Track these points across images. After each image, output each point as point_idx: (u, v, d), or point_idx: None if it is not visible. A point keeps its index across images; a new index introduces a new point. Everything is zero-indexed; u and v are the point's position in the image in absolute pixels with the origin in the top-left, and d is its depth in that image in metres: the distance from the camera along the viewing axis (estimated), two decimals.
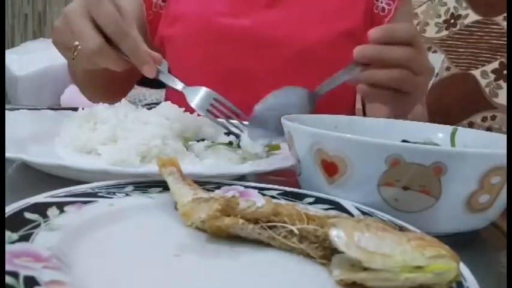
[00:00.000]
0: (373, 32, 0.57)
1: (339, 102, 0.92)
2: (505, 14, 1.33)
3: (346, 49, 0.91)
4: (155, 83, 1.11)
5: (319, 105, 0.84)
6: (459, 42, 1.40)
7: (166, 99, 1.02)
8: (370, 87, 0.58)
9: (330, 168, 0.39)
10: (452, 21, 1.42)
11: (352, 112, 0.99)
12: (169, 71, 0.62)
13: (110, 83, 0.90)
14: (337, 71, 0.59)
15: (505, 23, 1.33)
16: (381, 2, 0.93)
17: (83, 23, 0.57)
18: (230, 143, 0.56)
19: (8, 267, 0.21)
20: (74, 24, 0.58)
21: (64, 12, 0.60)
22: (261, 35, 0.88)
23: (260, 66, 0.89)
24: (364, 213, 0.35)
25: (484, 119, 1.33)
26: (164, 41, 0.95)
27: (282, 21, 0.89)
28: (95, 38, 0.56)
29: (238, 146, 0.56)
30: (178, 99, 0.62)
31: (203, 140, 0.56)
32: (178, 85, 0.60)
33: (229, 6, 0.91)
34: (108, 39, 0.56)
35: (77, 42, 0.59)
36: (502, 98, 1.31)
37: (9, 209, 0.28)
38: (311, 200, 0.38)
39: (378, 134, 0.46)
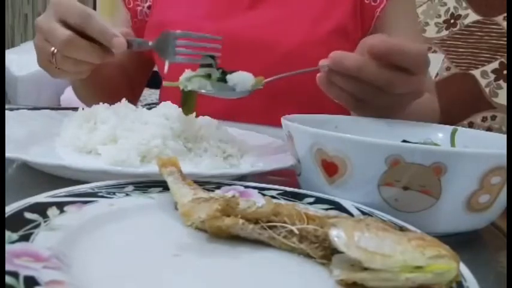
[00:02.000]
0: (373, 44, 0.49)
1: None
2: (505, 14, 1.33)
3: (336, 47, 0.89)
4: (155, 83, 1.12)
5: (319, 103, 0.83)
6: (459, 42, 1.40)
7: (160, 99, 1.02)
8: (330, 84, 0.53)
9: (330, 168, 0.39)
10: (452, 21, 1.43)
11: None
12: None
13: (110, 91, 0.89)
14: None
15: (505, 23, 1.33)
16: None
17: (51, 25, 0.58)
18: (208, 76, 0.55)
19: (8, 267, 0.21)
20: (45, 30, 0.60)
21: (35, 25, 0.62)
22: (244, 37, 0.85)
23: (247, 69, 0.87)
24: (364, 213, 0.35)
25: (484, 119, 1.33)
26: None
27: (266, 22, 0.87)
28: (64, 32, 0.57)
29: (221, 80, 0.55)
30: (174, 98, 0.62)
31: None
32: (151, 43, 0.61)
33: (211, 10, 0.89)
34: (79, 34, 0.57)
35: (53, 48, 0.60)
36: (502, 98, 1.31)
37: (9, 209, 0.28)
38: (311, 200, 0.38)
39: (378, 134, 0.46)
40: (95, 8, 3.14)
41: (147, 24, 0.97)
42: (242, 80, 0.56)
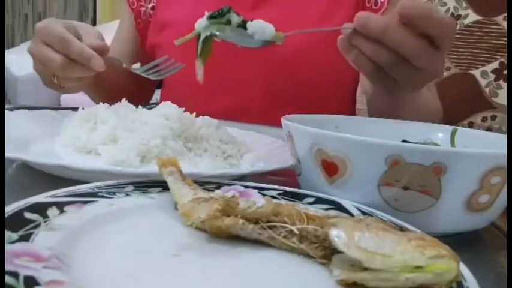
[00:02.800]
0: (404, 4, 0.46)
1: (340, 102, 0.91)
2: (505, 14, 1.33)
3: (338, 49, 0.90)
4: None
5: (319, 103, 0.83)
6: (459, 42, 1.39)
7: (160, 99, 1.02)
8: (352, 47, 0.51)
9: (330, 168, 0.39)
10: None
11: (352, 112, 0.99)
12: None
13: (118, 94, 0.90)
14: (329, 73, 0.56)
15: (505, 23, 1.33)
16: None
17: (42, 51, 0.63)
18: (228, 22, 0.54)
19: (8, 267, 0.21)
20: (38, 57, 0.64)
21: (29, 53, 0.67)
22: None
23: (247, 70, 0.87)
24: (364, 213, 0.35)
25: (484, 119, 1.33)
26: (154, 48, 0.95)
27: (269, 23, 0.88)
28: (56, 57, 0.62)
29: (241, 27, 0.53)
30: (175, 99, 0.62)
31: None
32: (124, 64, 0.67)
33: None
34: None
35: (52, 71, 0.64)
36: (502, 98, 1.31)
37: (9, 209, 0.28)
38: (311, 200, 0.38)
39: (378, 134, 0.46)
40: (94, 11, 3.13)
41: (150, 24, 0.97)
42: (262, 29, 0.53)
